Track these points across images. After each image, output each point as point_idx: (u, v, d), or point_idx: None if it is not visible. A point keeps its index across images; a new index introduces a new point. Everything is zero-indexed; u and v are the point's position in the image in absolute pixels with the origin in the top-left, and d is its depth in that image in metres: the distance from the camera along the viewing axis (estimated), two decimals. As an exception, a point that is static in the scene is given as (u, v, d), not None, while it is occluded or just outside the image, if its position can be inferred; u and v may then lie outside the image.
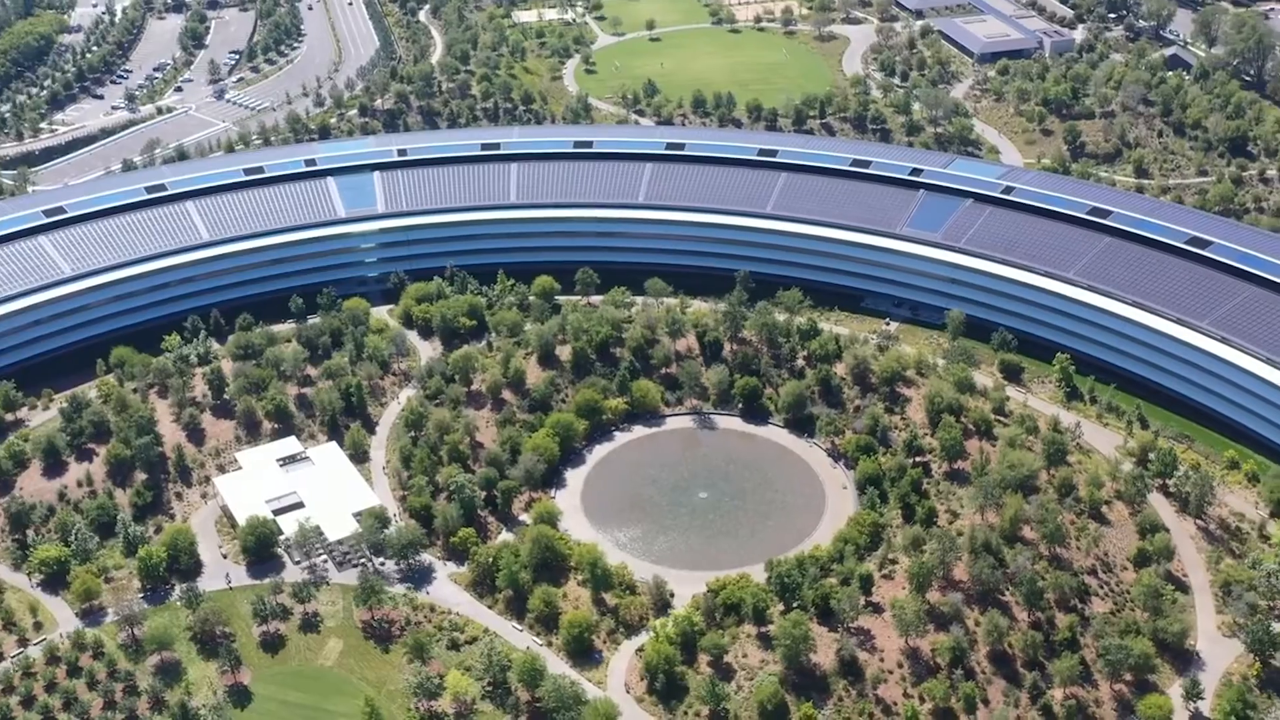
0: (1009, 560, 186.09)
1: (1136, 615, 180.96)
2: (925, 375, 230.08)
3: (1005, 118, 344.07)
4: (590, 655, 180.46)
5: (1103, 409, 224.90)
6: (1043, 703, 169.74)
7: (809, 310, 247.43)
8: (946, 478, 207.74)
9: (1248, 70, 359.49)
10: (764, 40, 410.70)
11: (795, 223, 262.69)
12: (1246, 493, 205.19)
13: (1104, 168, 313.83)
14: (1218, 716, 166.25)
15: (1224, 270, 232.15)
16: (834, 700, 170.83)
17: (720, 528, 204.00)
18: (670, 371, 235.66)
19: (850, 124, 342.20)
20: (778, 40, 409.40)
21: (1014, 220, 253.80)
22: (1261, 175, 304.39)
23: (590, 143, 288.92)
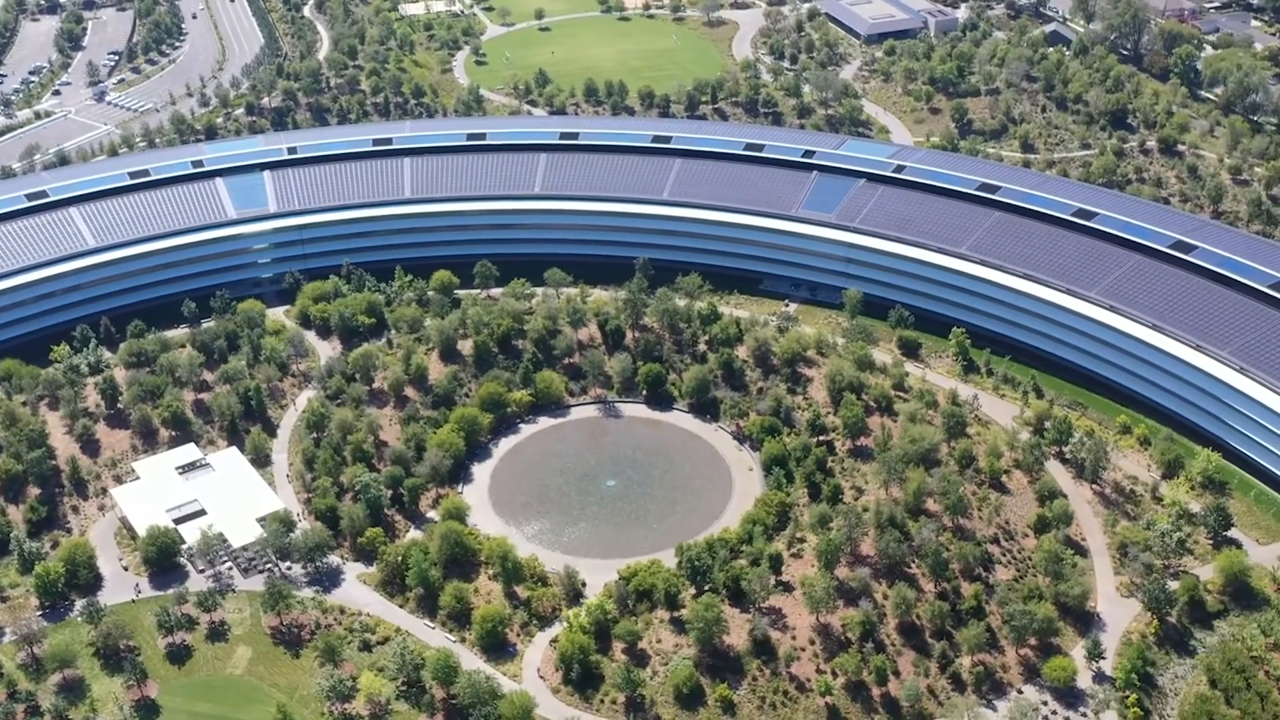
0: (914, 533, 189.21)
1: (1038, 580, 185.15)
2: (826, 355, 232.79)
3: (894, 98, 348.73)
4: (504, 649, 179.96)
5: (999, 381, 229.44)
6: (952, 671, 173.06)
7: (709, 295, 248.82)
8: (850, 455, 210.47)
9: (1125, 44, 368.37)
10: (654, 27, 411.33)
11: (691, 208, 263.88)
12: (1139, 456, 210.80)
13: (991, 144, 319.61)
14: (1119, 675, 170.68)
15: (1110, 240, 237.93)
16: (749, 680, 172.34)
17: (629, 515, 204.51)
18: (573, 361, 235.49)
19: (742, 108, 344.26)
20: (667, 27, 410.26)
21: (906, 198, 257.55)
22: (1141, 146, 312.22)
23: (483, 135, 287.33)
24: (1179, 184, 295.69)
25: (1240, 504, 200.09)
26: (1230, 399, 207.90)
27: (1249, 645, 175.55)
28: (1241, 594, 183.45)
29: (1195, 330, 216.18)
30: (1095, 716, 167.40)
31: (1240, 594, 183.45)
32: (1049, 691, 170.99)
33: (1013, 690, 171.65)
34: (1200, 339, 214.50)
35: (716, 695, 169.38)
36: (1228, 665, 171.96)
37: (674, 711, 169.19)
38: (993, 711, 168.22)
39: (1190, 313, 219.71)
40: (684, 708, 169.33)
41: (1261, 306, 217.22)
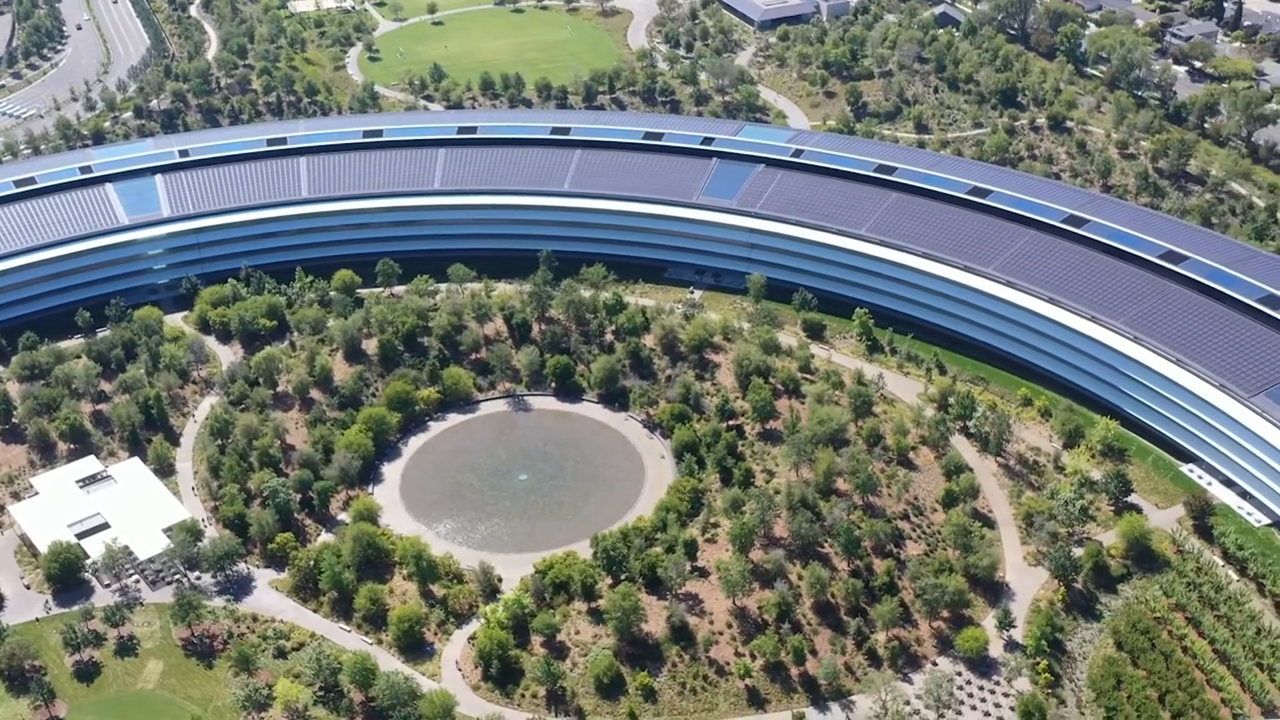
0: (825, 513, 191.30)
1: (948, 554, 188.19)
2: (732, 340, 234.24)
3: (789, 82, 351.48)
4: (422, 648, 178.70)
5: (903, 359, 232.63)
6: (868, 647, 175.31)
7: (614, 285, 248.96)
8: (760, 438, 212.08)
9: (1012, 24, 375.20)
10: (548, 19, 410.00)
11: (593, 199, 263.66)
12: (1041, 428, 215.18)
13: (886, 126, 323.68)
14: (1029, 642, 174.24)
15: (1005, 217, 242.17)
16: (668, 666, 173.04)
17: (543, 508, 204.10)
18: (480, 357, 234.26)
19: (640, 97, 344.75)
20: (561, 18, 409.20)
21: (805, 182, 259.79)
22: (1032, 124, 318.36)
23: (380, 131, 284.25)
24: (1069, 160, 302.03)
25: (1139, 470, 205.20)
26: (1126, 368, 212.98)
27: (1152, 607, 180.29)
28: (1143, 557, 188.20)
29: (1090, 302, 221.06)
30: (1008, 684, 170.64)
31: (1142, 557, 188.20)
32: (962, 662, 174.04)
33: (927, 662, 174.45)
34: (1095, 310, 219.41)
35: (637, 683, 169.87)
36: (1133, 627, 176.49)
37: (595, 702, 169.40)
38: (909, 684, 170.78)
39: (1085, 285, 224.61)
40: (605, 697, 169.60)
41: (1153, 276, 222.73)
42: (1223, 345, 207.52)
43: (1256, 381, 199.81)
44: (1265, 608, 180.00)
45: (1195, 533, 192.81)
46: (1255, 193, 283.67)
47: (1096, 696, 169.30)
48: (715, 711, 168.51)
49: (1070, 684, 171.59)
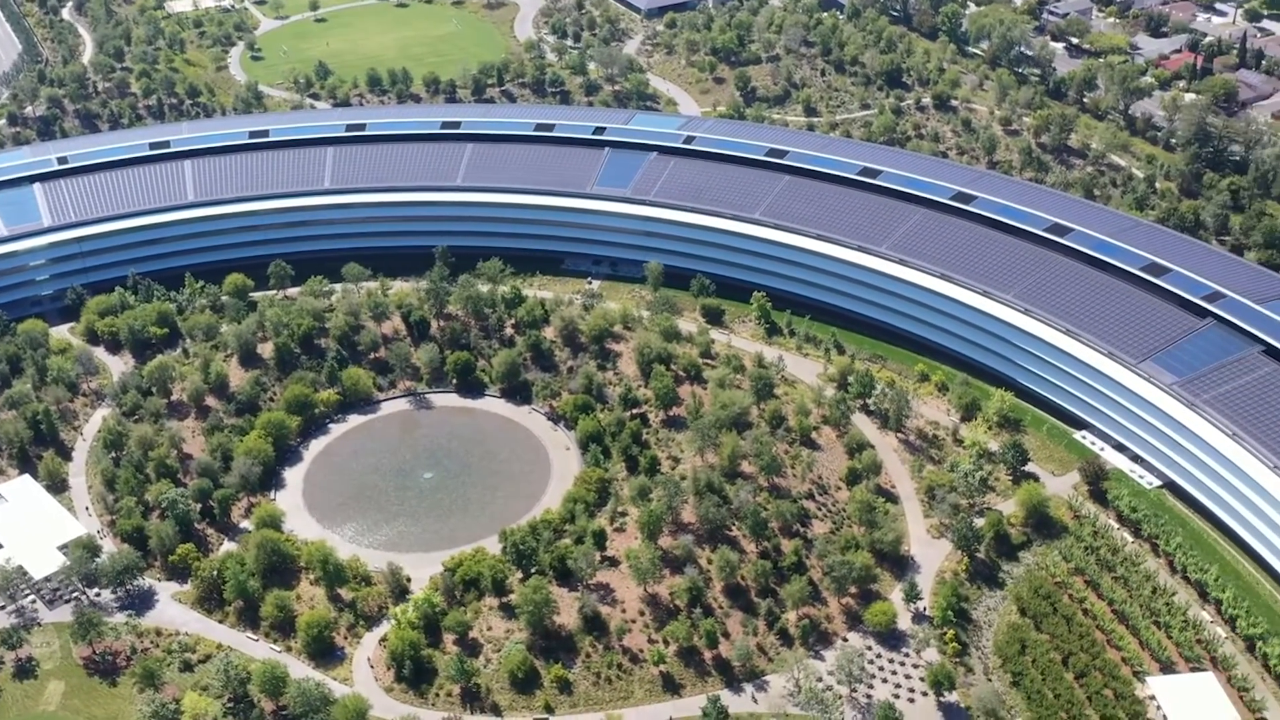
0: (732, 496, 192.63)
1: (854, 530, 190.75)
2: (632, 329, 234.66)
3: (678, 69, 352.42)
4: (333, 653, 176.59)
5: (801, 340, 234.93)
6: (779, 627, 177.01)
7: (511, 278, 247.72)
8: (664, 425, 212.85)
9: (894, 6, 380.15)
10: (433, 12, 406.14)
11: (487, 192, 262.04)
12: (938, 402, 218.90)
13: (776, 110, 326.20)
14: (936, 613, 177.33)
15: (895, 196, 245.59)
16: (582, 657, 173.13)
17: (450, 505, 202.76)
18: (379, 356, 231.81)
19: (530, 89, 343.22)
20: (447, 11, 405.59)
21: (698, 168, 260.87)
22: (918, 104, 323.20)
23: (266, 132, 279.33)
24: (955, 138, 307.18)
25: (1034, 439, 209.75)
26: (1018, 340, 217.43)
27: (1052, 572, 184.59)
28: (1042, 524, 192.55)
29: (981, 277, 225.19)
30: (917, 655, 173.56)
31: (1041, 525, 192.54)
32: (872, 636, 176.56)
33: (838, 639, 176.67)
34: (986, 285, 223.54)
35: (551, 676, 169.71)
36: (1034, 593, 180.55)
37: (510, 697, 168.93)
38: (821, 661, 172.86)
39: (975, 260, 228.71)
40: (520, 692, 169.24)
41: (1040, 250, 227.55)
42: (1109, 314, 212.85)
43: (1143, 348, 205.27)
44: (1160, 567, 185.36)
45: (1090, 498, 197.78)
46: (1134, 164, 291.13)
47: (1002, 663, 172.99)
48: (631, 699, 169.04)
49: (977, 652, 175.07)
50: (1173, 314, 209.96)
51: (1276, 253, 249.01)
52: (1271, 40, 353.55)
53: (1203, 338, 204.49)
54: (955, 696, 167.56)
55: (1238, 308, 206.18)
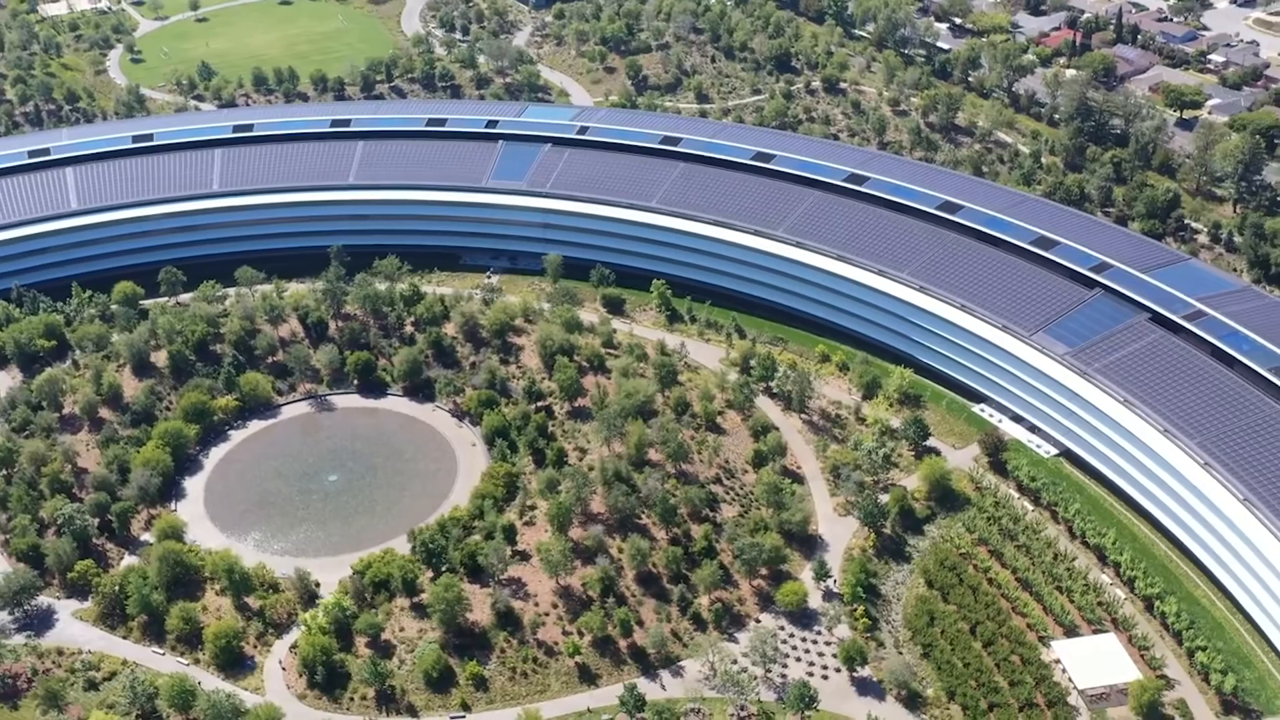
0: (640, 484, 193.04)
1: (762, 512, 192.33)
2: (534, 321, 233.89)
3: (569, 60, 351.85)
4: (243, 663, 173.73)
5: (703, 326, 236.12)
6: (692, 612, 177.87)
7: (409, 275, 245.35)
8: (570, 416, 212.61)
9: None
10: (318, 9, 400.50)
11: (380, 189, 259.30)
12: (840, 382, 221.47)
13: (668, 97, 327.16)
14: (846, 590, 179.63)
15: (789, 180, 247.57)
16: (497, 653, 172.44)
17: (356, 507, 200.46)
18: (278, 359, 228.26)
19: (420, 84, 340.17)
20: (332, 8, 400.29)
21: (593, 158, 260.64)
22: (808, 87, 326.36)
23: (150, 136, 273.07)
24: (846, 120, 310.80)
25: (935, 414, 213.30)
26: (915, 317, 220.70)
27: (957, 544, 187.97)
28: (945, 498, 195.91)
29: (876, 256, 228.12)
30: (829, 632, 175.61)
31: (944, 498, 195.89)
32: (784, 616, 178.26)
33: (751, 620, 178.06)
34: (881, 264, 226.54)
35: (467, 673, 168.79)
36: (940, 565, 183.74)
37: (426, 697, 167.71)
38: (735, 644, 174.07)
39: (870, 240, 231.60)
40: (436, 691, 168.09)
41: (933, 228, 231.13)
42: (1002, 288, 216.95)
43: (1035, 320, 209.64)
44: (1060, 534, 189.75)
45: (991, 469, 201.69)
46: (1020, 140, 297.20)
47: (912, 635, 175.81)
48: (548, 692, 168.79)
49: (887, 626, 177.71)
50: (1062, 286, 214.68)
51: (1159, 222, 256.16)
52: (1146, 15, 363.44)
53: (1092, 308, 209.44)
54: (868, 671, 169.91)
55: (1124, 277, 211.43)
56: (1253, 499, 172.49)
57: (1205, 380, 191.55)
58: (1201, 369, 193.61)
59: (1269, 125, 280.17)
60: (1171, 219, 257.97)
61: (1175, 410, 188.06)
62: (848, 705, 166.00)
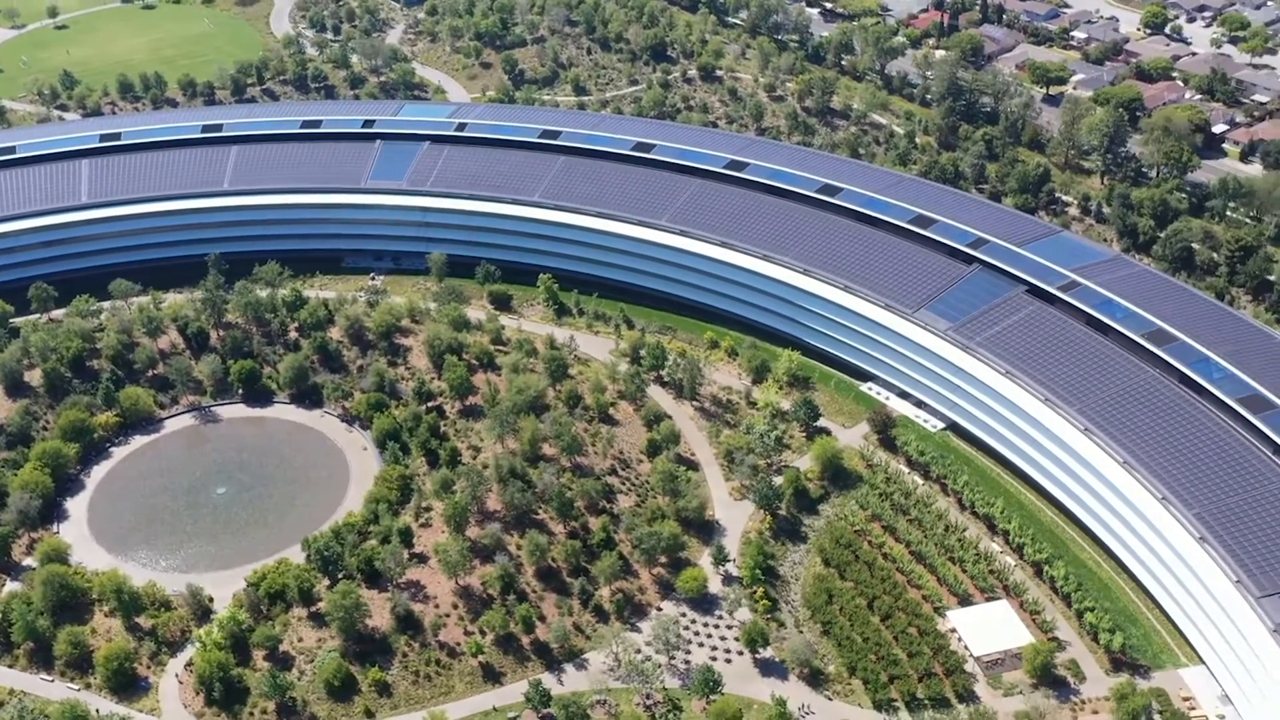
0: (536, 480, 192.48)
1: (659, 501, 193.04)
2: (420, 322, 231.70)
3: (444, 57, 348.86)
4: (137, 685, 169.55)
5: (591, 319, 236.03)
6: (594, 604, 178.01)
7: (291, 281, 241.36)
8: (461, 415, 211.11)
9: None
10: (182, 13, 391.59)
11: (256, 194, 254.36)
12: (730, 367, 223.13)
13: (545, 91, 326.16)
14: (745, 573, 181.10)
15: (670, 169, 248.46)
16: (399, 657, 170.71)
17: (247, 519, 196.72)
18: (158, 372, 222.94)
19: (292, 86, 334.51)
20: (197, 11, 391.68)
21: (473, 155, 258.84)
22: (684, 76, 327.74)
23: (13, 148, 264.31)
24: (723, 107, 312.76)
25: (823, 395, 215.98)
26: (800, 300, 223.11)
27: (851, 522, 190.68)
28: (838, 476, 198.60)
29: (759, 241, 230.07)
30: (730, 616, 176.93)
31: (836, 476, 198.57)
32: (685, 603, 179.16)
33: (653, 609, 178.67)
34: (765, 249, 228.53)
35: (369, 680, 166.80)
36: (836, 543, 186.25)
37: (328, 706, 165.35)
38: (638, 633, 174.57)
39: (752, 226, 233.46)
40: (338, 700, 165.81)
41: (814, 211, 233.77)
42: (883, 267, 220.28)
43: (917, 297, 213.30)
44: (950, 506, 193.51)
45: (880, 446, 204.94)
46: (894, 121, 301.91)
47: (812, 614, 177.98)
48: (452, 694, 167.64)
49: (787, 606, 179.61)
50: (942, 263, 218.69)
51: (1031, 197, 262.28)
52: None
53: (971, 283, 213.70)
54: (770, 652, 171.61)
55: (1000, 252, 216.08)
56: (1132, 461, 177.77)
57: (1082, 349, 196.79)
58: (1078, 338, 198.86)
59: (1131, 99, 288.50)
60: (1043, 193, 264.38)
61: (1055, 379, 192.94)
62: (752, 687, 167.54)
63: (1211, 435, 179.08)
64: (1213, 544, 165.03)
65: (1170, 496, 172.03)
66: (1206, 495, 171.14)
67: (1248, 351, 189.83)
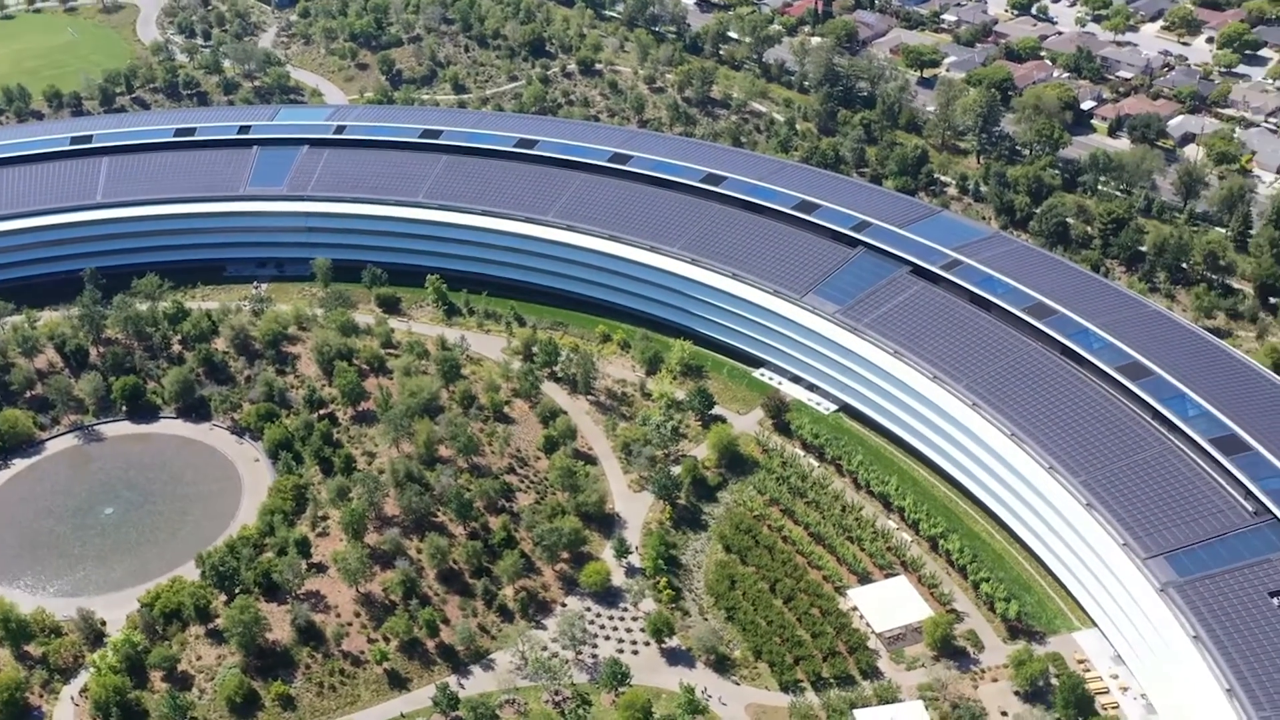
0: (433, 482, 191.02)
1: (558, 497, 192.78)
2: (308, 329, 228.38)
3: (319, 59, 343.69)
4: (28, 715, 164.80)
5: (481, 318, 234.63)
6: (498, 604, 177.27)
7: (171, 293, 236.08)
8: (354, 421, 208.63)
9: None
10: (44, 22, 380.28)
11: (131, 206, 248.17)
12: (623, 360, 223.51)
13: (424, 90, 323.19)
14: (647, 564, 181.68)
15: (554, 165, 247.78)
16: (302, 670, 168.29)
17: (137, 538, 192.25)
18: (37, 393, 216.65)
19: (163, 94, 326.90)
20: (60, 19, 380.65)
21: (354, 157, 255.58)
22: (564, 71, 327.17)
23: None
24: (604, 101, 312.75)
25: (717, 382, 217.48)
26: (689, 290, 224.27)
27: (750, 507, 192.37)
28: (734, 463, 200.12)
29: (647, 233, 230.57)
30: (635, 608, 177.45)
31: (733, 463, 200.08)
32: (590, 597, 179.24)
33: (557, 605, 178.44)
34: (652, 240, 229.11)
35: (272, 695, 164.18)
36: (736, 529, 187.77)
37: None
38: (543, 630, 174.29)
39: (639, 218, 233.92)
40: (241, 717, 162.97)
41: (698, 200, 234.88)
42: (770, 254, 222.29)
43: (804, 282, 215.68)
44: (846, 486, 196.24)
45: (775, 430, 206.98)
46: (774, 109, 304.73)
47: (715, 600, 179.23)
48: (358, 703, 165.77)
49: (691, 594, 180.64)
50: (827, 247, 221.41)
51: (910, 178, 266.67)
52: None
53: (856, 265, 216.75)
54: (676, 640, 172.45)
55: (883, 234, 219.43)
56: (1019, 433, 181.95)
57: (966, 326, 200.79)
58: (962, 315, 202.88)
59: (1002, 79, 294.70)
60: (922, 174, 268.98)
61: (942, 357, 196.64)
62: (660, 677, 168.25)
63: (1093, 404, 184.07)
64: (1099, 509, 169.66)
65: (1057, 465, 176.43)
66: (1092, 462, 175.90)
67: (1124, 321, 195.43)
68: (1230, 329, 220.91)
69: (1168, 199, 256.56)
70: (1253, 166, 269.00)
